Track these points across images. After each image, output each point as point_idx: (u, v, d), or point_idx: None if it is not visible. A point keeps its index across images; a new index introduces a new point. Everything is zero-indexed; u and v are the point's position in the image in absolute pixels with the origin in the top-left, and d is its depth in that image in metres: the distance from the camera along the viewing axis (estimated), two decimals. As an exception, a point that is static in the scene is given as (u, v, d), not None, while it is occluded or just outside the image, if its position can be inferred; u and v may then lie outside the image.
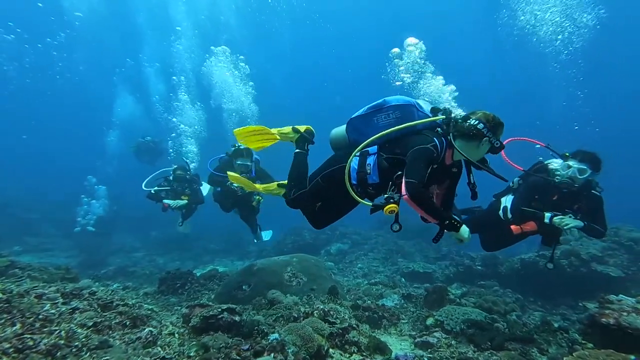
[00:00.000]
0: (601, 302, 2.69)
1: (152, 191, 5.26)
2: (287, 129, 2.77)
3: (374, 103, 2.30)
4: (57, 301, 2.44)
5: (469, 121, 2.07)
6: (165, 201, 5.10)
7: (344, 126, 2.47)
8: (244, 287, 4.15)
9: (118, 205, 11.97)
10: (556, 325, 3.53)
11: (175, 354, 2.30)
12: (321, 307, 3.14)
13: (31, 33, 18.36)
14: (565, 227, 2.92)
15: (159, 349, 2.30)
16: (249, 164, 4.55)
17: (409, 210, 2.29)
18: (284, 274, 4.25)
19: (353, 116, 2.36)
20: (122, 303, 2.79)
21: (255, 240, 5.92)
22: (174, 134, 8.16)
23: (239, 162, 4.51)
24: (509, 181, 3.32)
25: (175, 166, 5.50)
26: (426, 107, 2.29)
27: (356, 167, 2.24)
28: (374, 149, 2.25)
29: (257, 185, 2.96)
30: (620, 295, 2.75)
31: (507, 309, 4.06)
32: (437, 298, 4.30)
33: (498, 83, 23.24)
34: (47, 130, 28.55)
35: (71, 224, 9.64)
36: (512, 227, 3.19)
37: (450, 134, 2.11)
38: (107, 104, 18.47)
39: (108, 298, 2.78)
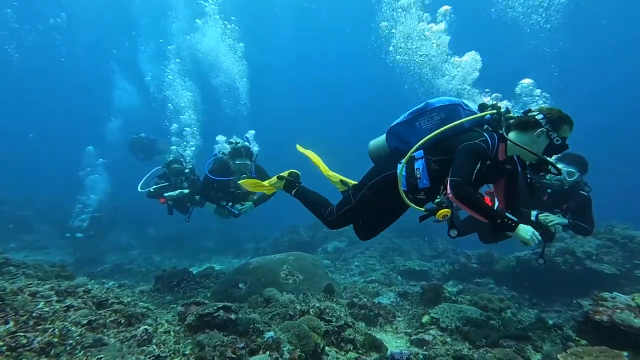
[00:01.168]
0: (595, 299, 2.72)
1: (152, 189, 5.02)
2: (274, 179, 2.93)
3: (415, 108, 2.24)
4: (51, 299, 2.42)
5: (527, 113, 1.97)
6: (166, 194, 4.77)
7: (382, 136, 2.42)
8: (240, 285, 4.14)
9: (114, 202, 11.88)
10: (551, 322, 3.56)
11: (171, 352, 2.30)
12: (317, 305, 3.15)
13: (31, 12, 18.11)
14: (549, 224, 3.06)
15: (154, 347, 2.29)
16: (248, 163, 4.36)
17: (408, 210, 2.30)
18: (280, 272, 4.25)
19: (393, 124, 2.31)
20: (117, 301, 2.78)
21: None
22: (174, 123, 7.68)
23: (238, 162, 4.32)
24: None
25: (170, 159, 5.15)
26: (472, 105, 2.22)
27: (404, 174, 2.16)
28: (420, 153, 2.16)
29: (266, 183, 3.03)
30: (614, 292, 2.77)
31: (503, 307, 4.08)
32: (433, 296, 4.32)
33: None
34: (44, 120, 28.26)
35: (66, 220, 9.55)
36: None
37: (503, 128, 2.02)
38: (106, 91, 18.24)
39: (103, 296, 2.77)
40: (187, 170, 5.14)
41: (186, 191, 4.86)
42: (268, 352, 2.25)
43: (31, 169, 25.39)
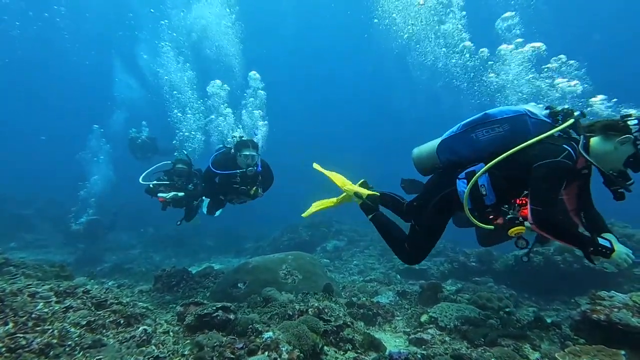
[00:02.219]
0: (592, 298, 2.73)
1: (151, 185, 4.79)
2: (347, 191, 2.77)
3: (471, 119, 2.07)
4: (50, 300, 2.43)
5: (624, 118, 1.75)
6: (160, 195, 4.59)
7: (429, 145, 2.26)
8: (239, 284, 4.15)
9: (116, 200, 11.85)
10: (549, 321, 3.58)
11: (170, 352, 2.31)
12: (316, 304, 3.15)
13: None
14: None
15: (153, 347, 2.30)
16: (255, 154, 4.15)
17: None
18: (279, 271, 4.26)
19: (445, 137, 2.15)
20: (116, 301, 2.78)
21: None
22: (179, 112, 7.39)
23: (245, 153, 4.11)
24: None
25: (177, 158, 5.02)
26: (539, 111, 1.97)
27: (464, 190, 1.95)
28: (479, 166, 1.96)
29: (334, 200, 2.91)
30: (612, 291, 2.78)
31: (501, 305, 4.09)
32: (432, 295, 4.33)
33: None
34: (43, 116, 28.21)
35: (67, 219, 9.53)
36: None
37: (582, 136, 1.79)
38: (106, 84, 18.09)
39: (102, 296, 2.77)
40: (191, 170, 4.93)
41: (180, 194, 4.66)
42: (267, 353, 2.26)
43: (32, 166, 25.40)
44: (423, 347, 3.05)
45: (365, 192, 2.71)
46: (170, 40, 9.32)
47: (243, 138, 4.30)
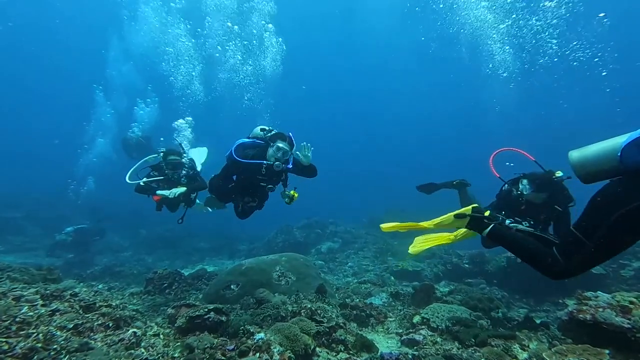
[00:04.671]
0: (579, 298, 2.78)
1: (142, 183, 4.25)
2: (447, 217, 2.17)
3: None
4: (36, 303, 2.38)
5: None
6: (159, 192, 4.09)
7: (598, 147, 1.87)
8: (232, 286, 4.12)
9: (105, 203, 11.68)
10: (538, 321, 3.63)
11: (159, 355, 2.28)
12: (309, 306, 3.15)
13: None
14: None
15: (142, 350, 2.27)
16: (288, 150, 3.56)
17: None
18: (272, 273, 4.25)
19: (637, 136, 1.73)
20: (105, 304, 2.74)
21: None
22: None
23: (279, 145, 3.49)
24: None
25: (164, 150, 4.44)
26: None
27: None
28: None
29: (430, 224, 2.25)
30: (598, 291, 2.83)
31: (492, 306, 4.14)
32: (424, 296, 4.36)
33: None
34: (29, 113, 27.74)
35: (57, 222, 9.36)
36: None
37: None
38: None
39: (90, 299, 2.73)
40: (185, 163, 4.44)
41: (183, 189, 4.15)
42: (258, 354, 2.24)
43: (21, 166, 24.94)
44: (415, 348, 3.06)
45: (466, 209, 2.18)
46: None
47: (273, 130, 3.72)
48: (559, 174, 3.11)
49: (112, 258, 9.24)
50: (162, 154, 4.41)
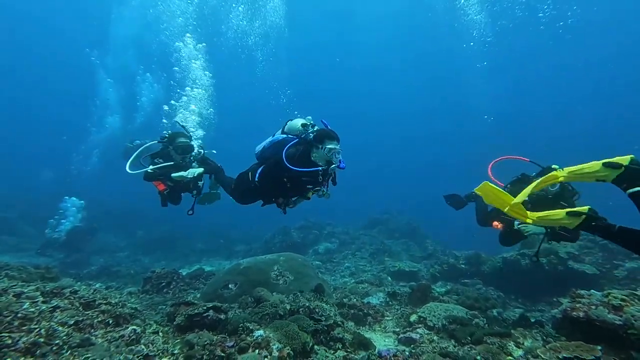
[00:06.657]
0: (573, 296, 2.84)
1: (150, 170, 3.87)
2: (557, 212, 1.95)
3: None
4: (36, 300, 2.39)
5: None
6: (175, 175, 3.73)
7: None
8: (230, 285, 4.14)
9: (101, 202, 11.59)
10: (533, 320, 3.69)
11: (159, 351, 2.30)
12: (307, 304, 3.18)
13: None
14: (526, 233, 3.30)
15: (143, 346, 2.29)
16: (340, 149, 3.07)
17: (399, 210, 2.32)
18: (270, 272, 4.27)
19: None
20: (104, 302, 2.75)
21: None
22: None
23: (330, 147, 2.96)
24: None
25: (169, 133, 4.07)
26: None
27: None
28: None
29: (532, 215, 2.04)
30: (591, 290, 2.89)
31: (488, 306, 4.20)
32: (421, 296, 4.41)
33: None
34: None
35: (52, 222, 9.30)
36: (494, 222, 3.71)
37: None
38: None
39: (90, 297, 2.74)
40: (194, 145, 4.10)
41: (201, 169, 3.87)
42: (257, 351, 2.27)
43: (15, 165, 24.72)
44: (412, 346, 3.09)
45: (582, 208, 1.96)
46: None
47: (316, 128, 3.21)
48: (555, 167, 3.18)
49: (108, 258, 9.20)
50: (166, 138, 4.07)
